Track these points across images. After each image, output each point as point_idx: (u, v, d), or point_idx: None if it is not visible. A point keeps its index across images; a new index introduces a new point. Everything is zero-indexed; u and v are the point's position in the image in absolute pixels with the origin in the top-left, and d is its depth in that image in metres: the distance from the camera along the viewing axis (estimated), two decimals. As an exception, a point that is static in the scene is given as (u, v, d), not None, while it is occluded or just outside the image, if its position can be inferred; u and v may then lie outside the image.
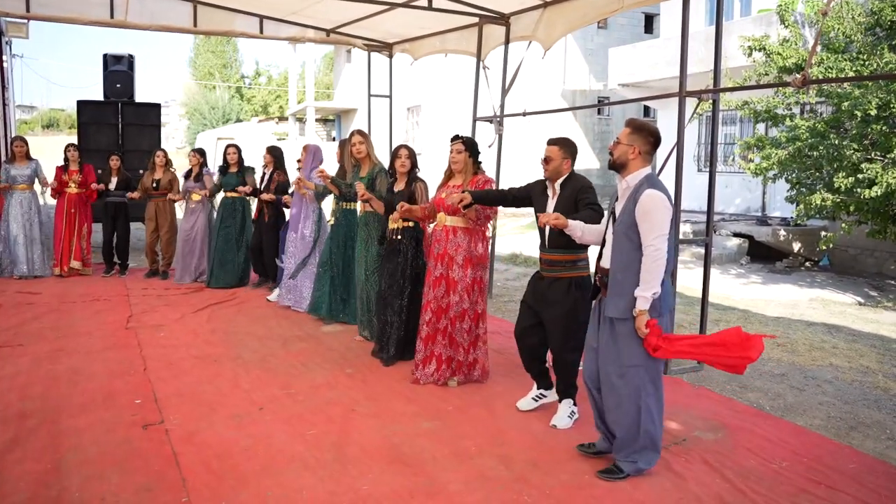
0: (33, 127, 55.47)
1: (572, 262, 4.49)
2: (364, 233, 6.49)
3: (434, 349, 5.30)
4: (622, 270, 3.72)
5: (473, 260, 5.21)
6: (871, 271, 12.15)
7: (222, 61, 53.56)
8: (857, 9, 10.09)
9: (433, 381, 5.30)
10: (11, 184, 9.51)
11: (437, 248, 5.28)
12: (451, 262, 5.19)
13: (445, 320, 5.26)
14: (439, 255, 5.25)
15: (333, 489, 3.66)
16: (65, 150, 9.76)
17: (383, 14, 8.41)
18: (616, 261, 3.76)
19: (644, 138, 3.77)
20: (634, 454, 3.83)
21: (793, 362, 6.30)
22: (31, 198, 9.66)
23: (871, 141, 9.38)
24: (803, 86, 4.83)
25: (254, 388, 5.23)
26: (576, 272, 4.50)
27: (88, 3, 8.40)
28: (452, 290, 5.19)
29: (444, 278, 5.23)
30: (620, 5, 6.49)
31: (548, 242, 4.51)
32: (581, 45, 25.23)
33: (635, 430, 3.77)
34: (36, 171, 9.68)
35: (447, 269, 5.22)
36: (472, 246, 5.22)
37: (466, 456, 4.11)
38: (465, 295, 5.19)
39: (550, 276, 4.54)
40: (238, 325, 7.14)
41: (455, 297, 5.19)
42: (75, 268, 9.67)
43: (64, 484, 3.66)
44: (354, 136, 6.59)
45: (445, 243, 5.22)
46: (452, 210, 5.12)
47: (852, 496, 3.70)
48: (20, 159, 9.62)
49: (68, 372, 5.51)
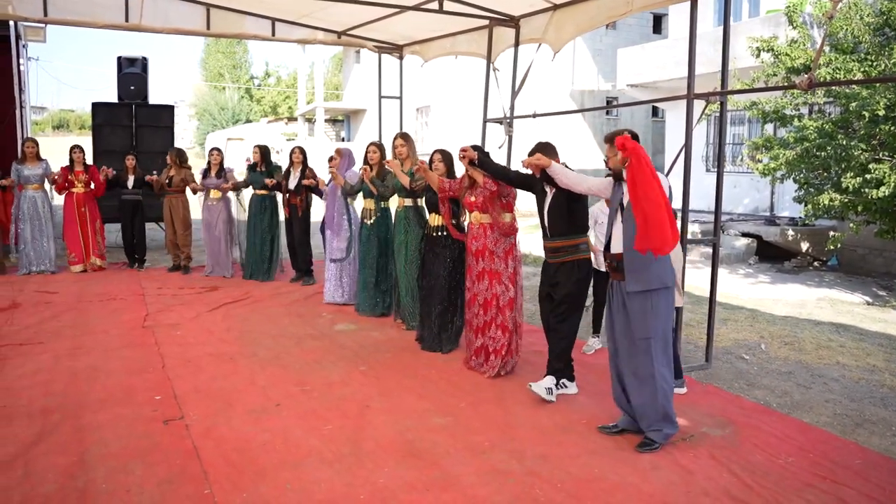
0: (44, 128, 55.82)
1: (574, 246, 5.00)
2: (403, 225, 6.89)
3: (486, 340, 5.65)
4: (633, 250, 4.08)
5: (513, 251, 5.61)
6: (880, 271, 12.17)
7: (232, 62, 53.80)
8: (865, 9, 10.12)
9: (486, 370, 5.60)
10: (24, 184, 9.71)
11: (475, 245, 5.65)
12: (492, 255, 5.56)
13: (493, 310, 5.58)
14: (479, 250, 5.63)
15: (350, 482, 3.77)
16: (70, 151, 9.98)
17: (394, 17, 8.50)
18: (628, 240, 4.15)
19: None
20: (658, 423, 4.23)
21: (800, 360, 6.37)
22: (43, 197, 9.91)
23: (879, 141, 9.43)
24: (809, 88, 4.90)
25: (269, 384, 5.34)
26: (578, 255, 5.00)
27: (103, 7, 8.51)
28: (497, 281, 5.55)
29: (486, 272, 5.60)
30: (629, 8, 6.56)
31: (549, 232, 5.05)
32: (590, 46, 25.28)
33: (654, 398, 4.21)
34: (46, 172, 9.92)
35: (489, 263, 5.57)
36: (507, 238, 5.59)
37: (479, 450, 4.20)
38: (510, 284, 5.55)
39: (557, 261, 5.04)
40: (252, 323, 7.26)
41: (501, 287, 5.54)
42: (95, 263, 10.02)
43: (90, 476, 3.78)
44: (396, 139, 6.96)
45: (484, 239, 5.59)
46: (483, 208, 5.55)
47: (857, 491, 3.78)
48: (31, 160, 9.83)
49: (88, 369, 5.64)
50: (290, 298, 8.47)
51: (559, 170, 4.62)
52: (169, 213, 10.01)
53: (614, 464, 4.07)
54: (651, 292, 4.19)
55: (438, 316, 6.24)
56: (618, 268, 4.32)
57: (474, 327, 5.72)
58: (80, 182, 9.91)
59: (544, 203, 5.06)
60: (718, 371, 5.95)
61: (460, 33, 8.96)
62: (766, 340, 7.05)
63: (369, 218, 7.52)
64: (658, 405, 4.21)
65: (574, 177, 4.60)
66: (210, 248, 9.85)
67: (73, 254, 10.01)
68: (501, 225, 5.53)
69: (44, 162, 9.96)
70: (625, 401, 4.43)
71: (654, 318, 4.21)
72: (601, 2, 6.83)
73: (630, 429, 4.41)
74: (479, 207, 5.59)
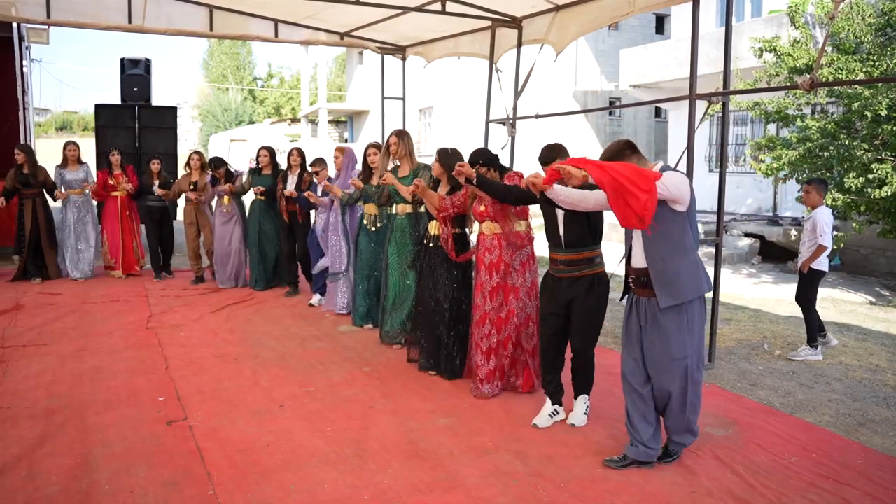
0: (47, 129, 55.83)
1: (591, 259, 4.47)
2: (398, 236, 6.33)
3: (499, 362, 5.11)
4: (662, 259, 3.81)
5: (530, 263, 5.12)
6: (883, 271, 12.16)
7: (236, 63, 53.87)
8: (867, 9, 10.12)
9: (496, 394, 5.15)
10: (67, 188, 9.62)
11: (488, 258, 5.07)
12: (509, 268, 5.02)
13: (507, 330, 5.07)
14: (493, 263, 5.05)
15: (354, 482, 3.78)
16: (108, 155, 9.79)
17: (396, 18, 8.51)
18: (652, 253, 3.83)
19: (624, 158, 3.85)
20: (680, 435, 4.07)
21: (802, 360, 6.36)
22: (85, 201, 9.78)
23: (881, 141, 9.42)
24: (811, 88, 4.90)
25: (273, 385, 5.35)
26: (595, 269, 4.48)
27: (106, 9, 8.54)
28: (514, 297, 5.04)
29: (500, 287, 5.03)
30: (631, 8, 6.56)
31: (564, 243, 4.47)
32: (592, 46, 25.28)
33: (681, 411, 3.98)
34: (87, 175, 9.77)
35: (504, 277, 5.03)
36: (523, 250, 5.08)
37: (483, 451, 4.21)
38: (528, 299, 5.07)
39: (570, 275, 4.47)
40: (256, 325, 7.27)
41: (518, 303, 5.05)
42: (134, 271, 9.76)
43: (94, 477, 3.79)
44: (390, 136, 6.38)
45: (498, 251, 5.04)
46: (495, 218, 5.00)
47: (860, 490, 3.78)
48: (73, 163, 9.71)
49: (92, 370, 5.66)
50: (293, 300, 8.48)
51: (560, 191, 4.03)
52: (195, 219, 9.42)
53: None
54: (686, 305, 3.83)
55: (437, 341, 5.56)
56: (645, 283, 3.90)
57: (483, 350, 5.07)
58: (121, 185, 9.63)
59: (556, 214, 4.47)
60: (721, 371, 5.95)
61: (463, 34, 8.97)
62: (769, 340, 7.04)
63: (372, 224, 6.95)
64: (685, 418, 4.00)
65: (577, 195, 4.02)
66: (221, 261, 9.16)
67: (114, 259, 9.80)
68: (514, 237, 5.00)
69: (85, 165, 9.82)
70: (641, 429, 4.02)
71: (689, 333, 3.86)
72: (603, 2, 6.84)
73: (640, 460, 4.01)
74: (489, 217, 5.04)
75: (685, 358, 3.86)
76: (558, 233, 4.49)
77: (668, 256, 3.81)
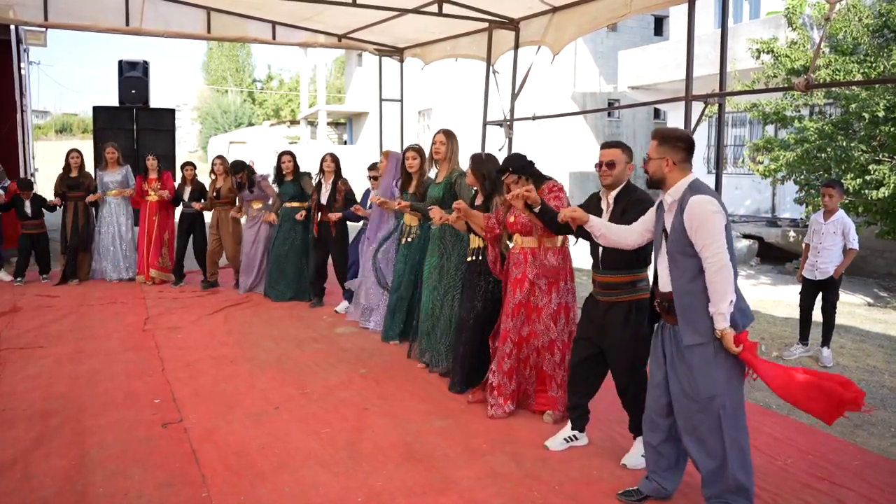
0: (47, 132, 55.83)
1: (631, 283, 3.99)
2: (439, 247, 5.76)
3: (518, 383, 4.82)
4: (688, 293, 3.33)
5: (558, 284, 4.63)
6: (881, 272, 12.16)
7: (235, 65, 53.90)
8: (864, 11, 10.13)
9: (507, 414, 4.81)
10: (105, 191, 9.61)
11: (515, 273, 4.69)
12: (534, 286, 4.62)
13: (527, 350, 4.73)
14: (517, 279, 4.66)
15: (348, 485, 3.77)
16: (146, 159, 9.61)
17: (394, 20, 8.52)
18: (678, 283, 3.36)
19: (673, 146, 3.45)
20: (726, 494, 3.38)
21: (800, 361, 6.36)
22: (123, 203, 9.75)
23: (879, 142, 9.43)
24: (807, 89, 4.91)
25: (269, 388, 5.35)
26: (636, 295, 3.98)
27: (104, 11, 8.54)
28: (536, 318, 4.64)
29: (523, 305, 4.65)
30: (628, 9, 6.56)
31: (602, 263, 4.03)
32: (591, 48, 25.32)
33: (723, 468, 3.35)
34: (127, 177, 9.74)
35: (528, 295, 4.64)
36: (554, 267, 4.62)
37: (478, 453, 4.21)
38: (552, 323, 4.61)
39: (607, 300, 4.02)
40: (253, 326, 7.26)
41: (540, 325, 4.63)
42: (155, 277, 9.57)
43: (88, 479, 3.79)
44: (437, 135, 5.85)
45: (525, 266, 4.63)
46: (527, 230, 4.60)
47: (856, 492, 3.78)
48: (112, 165, 9.70)
49: (89, 372, 5.66)
50: (290, 301, 8.47)
51: (598, 225, 3.66)
52: (216, 225, 9.14)
53: (613, 466, 4.06)
54: (714, 341, 3.29)
55: (462, 357, 5.23)
56: (668, 309, 3.45)
57: (505, 370, 4.73)
58: (154, 191, 9.42)
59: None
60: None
61: (460, 36, 8.98)
62: (766, 342, 7.04)
63: (408, 236, 6.44)
64: (728, 475, 3.34)
65: (614, 233, 3.65)
66: (247, 266, 8.86)
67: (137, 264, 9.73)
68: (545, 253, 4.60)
69: (124, 168, 9.78)
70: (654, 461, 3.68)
71: (718, 369, 3.30)
72: (600, 4, 6.84)
73: (655, 496, 3.67)
74: (520, 229, 4.63)
75: (714, 397, 3.30)
76: (597, 251, 4.06)
77: (697, 288, 3.32)
